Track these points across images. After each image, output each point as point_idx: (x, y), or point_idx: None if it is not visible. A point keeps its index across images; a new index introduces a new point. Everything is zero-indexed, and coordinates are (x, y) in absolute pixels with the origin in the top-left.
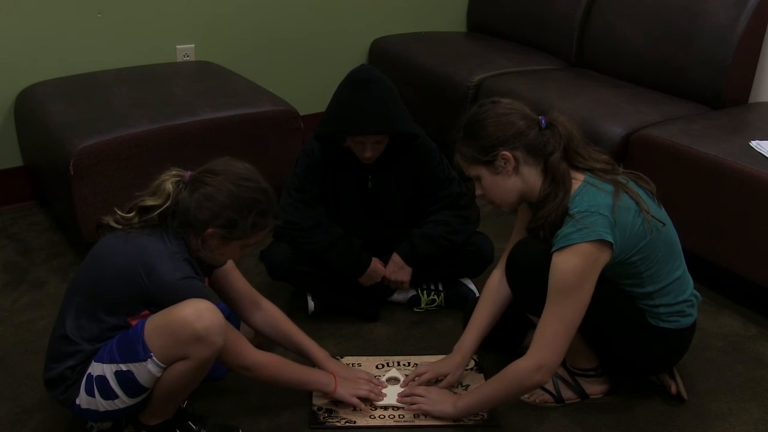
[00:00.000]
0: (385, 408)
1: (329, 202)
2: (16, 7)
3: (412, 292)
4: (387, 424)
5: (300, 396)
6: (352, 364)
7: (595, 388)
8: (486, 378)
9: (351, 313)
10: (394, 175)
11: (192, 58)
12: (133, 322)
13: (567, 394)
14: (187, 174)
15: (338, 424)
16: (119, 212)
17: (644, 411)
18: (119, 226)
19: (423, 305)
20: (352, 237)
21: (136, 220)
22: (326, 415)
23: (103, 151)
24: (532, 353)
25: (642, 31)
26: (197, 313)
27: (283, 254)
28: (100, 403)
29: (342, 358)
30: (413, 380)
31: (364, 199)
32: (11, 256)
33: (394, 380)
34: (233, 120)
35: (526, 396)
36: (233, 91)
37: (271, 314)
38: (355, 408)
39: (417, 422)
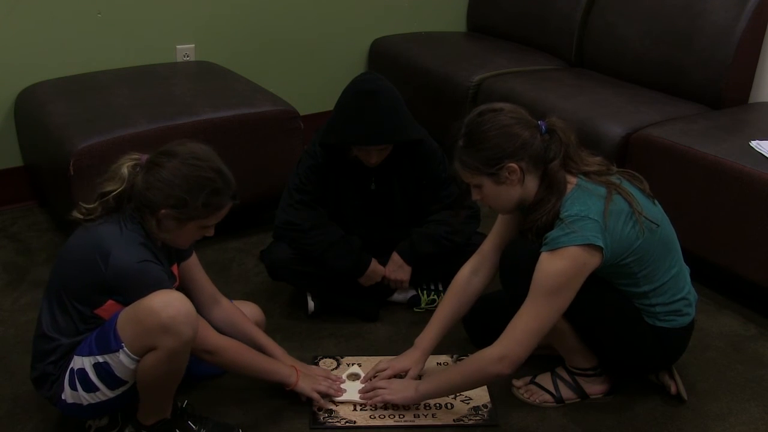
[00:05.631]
0: (357, 406)
1: (330, 203)
2: (16, 7)
3: (412, 292)
4: (387, 423)
5: (299, 396)
6: (352, 364)
7: (595, 388)
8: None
9: (351, 313)
10: (398, 177)
11: (192, 58)
12: (103, 314)
13: (567, 394)
14: (144, 157)
15: (338, 424)
16: (84, 205)
17: (644, 411)
18: (81, 216)
19: (423, 305)
20: (351, 237)
21: (99, 209)
22: (326, 415)
23: (103, 151)
24: (500, 343)
25: (642, 31)
26: (165, 302)
27: (283, 254)
28: (83, 397)
29: (342, 358)
30: (374, 376)
31: (367, 201)
32: (11, 256)
33: (354, 376)
34: (233, 120)
35: (526, 396)
36: (233, 91)
37: (230, 312)
38: (313, 401)
39: (417, 422)
